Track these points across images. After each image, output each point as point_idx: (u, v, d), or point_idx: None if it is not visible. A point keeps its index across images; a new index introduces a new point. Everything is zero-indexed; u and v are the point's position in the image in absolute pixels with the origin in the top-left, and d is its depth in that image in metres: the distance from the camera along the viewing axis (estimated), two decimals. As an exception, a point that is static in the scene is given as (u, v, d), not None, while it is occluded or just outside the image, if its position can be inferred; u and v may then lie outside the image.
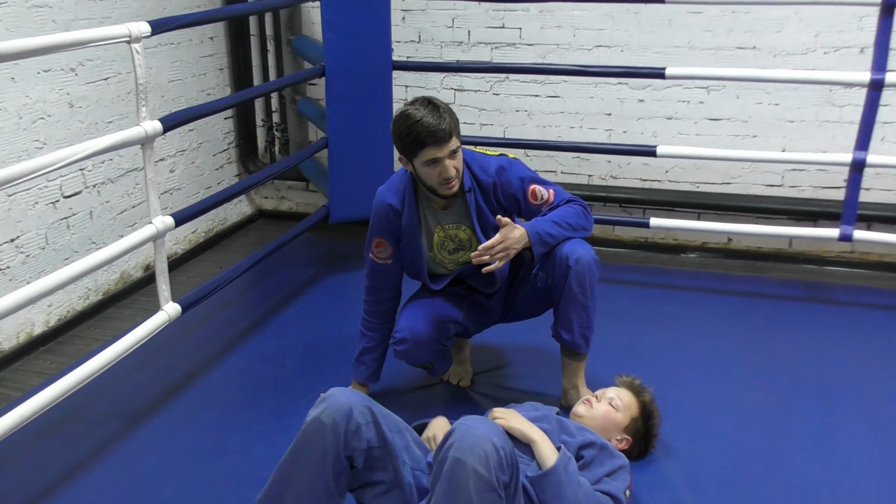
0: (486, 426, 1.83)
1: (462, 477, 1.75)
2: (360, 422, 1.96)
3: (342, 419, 1.94)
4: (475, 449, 1.76)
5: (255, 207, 5.14)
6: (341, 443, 1.94)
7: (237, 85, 4.71)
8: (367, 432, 1.98)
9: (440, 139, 2.46)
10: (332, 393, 2.00)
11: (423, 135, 2.45)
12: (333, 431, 1.93)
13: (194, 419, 2.88)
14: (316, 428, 1.94)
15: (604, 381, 2.71)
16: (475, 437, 1.78)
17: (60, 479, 2.54)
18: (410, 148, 2.51)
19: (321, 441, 1.93)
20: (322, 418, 1.94)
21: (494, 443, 1.78)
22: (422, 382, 3.07)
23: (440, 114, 2.47)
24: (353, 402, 1.98)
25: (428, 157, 2.50)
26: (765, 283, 4.02)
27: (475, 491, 1.74)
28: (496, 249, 2.51)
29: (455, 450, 1.77)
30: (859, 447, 2.66)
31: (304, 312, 3.73)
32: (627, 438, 2.45)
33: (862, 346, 3.34)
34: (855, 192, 3.62)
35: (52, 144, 3.43)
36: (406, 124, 2.48)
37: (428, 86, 4.57)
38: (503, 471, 1.79)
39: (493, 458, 1.76)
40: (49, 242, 3.49)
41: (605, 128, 4.39)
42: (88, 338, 3.58)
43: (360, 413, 1.97)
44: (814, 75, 3.73)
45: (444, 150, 2.48)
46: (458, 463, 1.76)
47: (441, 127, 2.45)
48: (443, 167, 2.51)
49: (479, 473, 1.74)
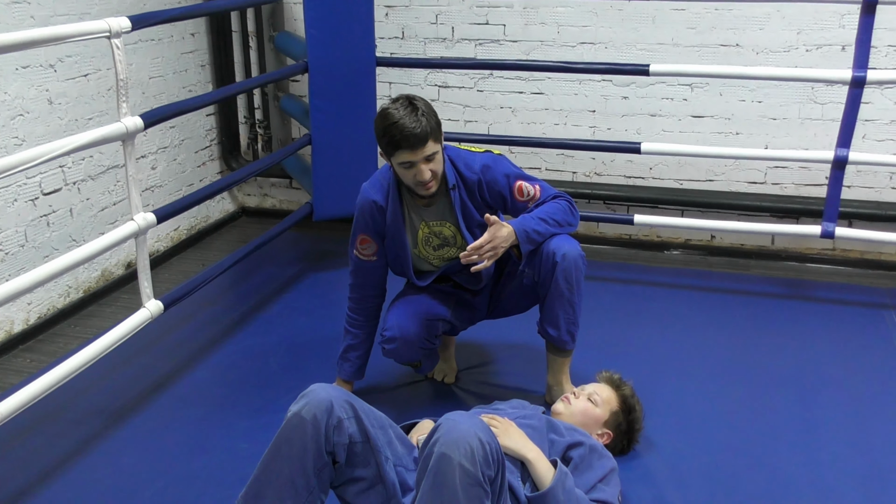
0: (471, 422, 1.82)
1: (448, 471, 1.75)
2: (342, 416, 1.95)
3: (323, 414, 1.93)
4: (461, 444, 1.75)
5: (238, 205, 5.11)
6: (322, 438, 1.93)
7: (219, 81, 4.68)
8: (349, 427, 1.96)
9: (414, 143, 2.43)
10: (312, 389, 1.99)
11: (398, 138, 2.43)
12: (314, 427, 1.92)
13: (177, 417, 2.86)
14: (296, 423, 1.93)
15: (588, 377, 2.71)
16: (461, 433, 1.77)
17: (42, 476, 2.52)
18: (386, 148, 2.50)
19: (301, 436, 1.92)
20: (302, 413, 1.93)
21: (480, 438, 1.78)
22: (407, 379, 3.06)
23: (418, 116, 2.43)
24: (333, 397, 1.97)
25: (402, 160, 2.48)
26: (747, 280, 4.04)
27: (461, 485, 1.74)
28: (484, 249, 2.51)
29: (441, 444, 1.77)
30: (840, 442, 2.68)
31: (288, 310, 3.71)
32: (609, 433, 2.45)
33: (843, 343, 3.37)
34: (837, 190, 3.65)
35: (32, 141, 3.39)
36: (383, 125, 2.46)
37: (412, 82, 4.56)
38: (489, 466, 1.79)
39: (478, 453, 1.76)
40: (28, 240, 3.46)
41: (589, 125, 4.40)
42: (69, 336, 3.55)
43: (341, 408, 1.96)
44: (796, 73, 3.75)
45: (419, 154, 2.46)
46: (444, 458, 1.75)
47: (416, 132, 2.42)
48: (417, 170, 2.49)
49: (464, 468, 1.74)
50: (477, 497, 1.77)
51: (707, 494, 2.42)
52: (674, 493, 2.42)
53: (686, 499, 2.40)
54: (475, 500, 1.77)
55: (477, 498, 1.77)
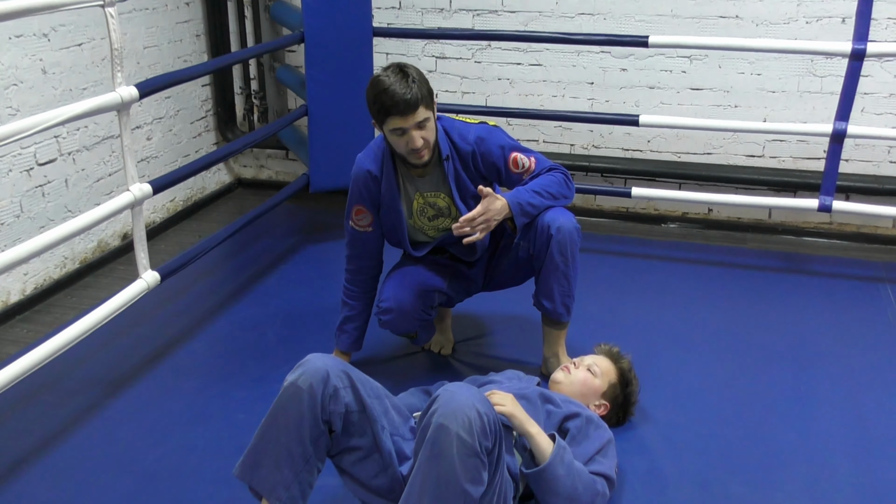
0: (469, 392, 1.83)
1: (445, 442, 1.76)
2: (338, 385, 1.96)
3: (319, 384, 1.94)
4: (458, 415, 1.76)
5: (234, 176, 5.09)
6: (318, 407, 1.94)
7: (214, 51, 4.64)
8: (345, 396, 1.97)
9: (404, 110, 2.42)
10: (308, 359, 2.00)
11: (388, 104, 2.42)
12: (310, 396, 1.93)
13: (174, 387, 2.87)
14: (292, 393, 1.94)
15: (584, 349, 2.72)
16: (459, 404, 1.78)
17: (40, 445, 2.53)
18: (377, 116, 2.49)
19: (297, 406, 1.93)
20: (299, 383, 1.94)
21: (478, 409, 1.79)
22: (403, 351, 3.07)
23: (408, 83, 2.41)
24: (329, 366, 1.98)
25: (393, 126, 2.47)
26: (744, 254, 4.05)
27: (458, 456, 1.75)
28: (477, 221, 2.50)
29: (439, 415, 1.78)
30: (833, 414, 2.70)
31: (285, 281, 3.71)
32: (605, 404, 2.47)
33: (838, 316, 3.38)
34: (835, 163, 3.64)
35: (26, 111, 3.37)
36: (374, 92, 2.45)
37: (409, 53, 4.52)
38: (486, 437, 1.80)
39: (476, 424, 1.77)
40: (24, 210, 3.44)
41: (587, 97, 4.38)
42: (65, 306, 3.55)
43: (337, 377, 1.97)
44: (796, 45, 3.72)
45: (410, 120, 2.44)
46: (442, 428, 1.76)
47: (406, 97, 2.40)
48: (409, 137, 2.48)
49: (462, 439, 1.75)
50: (474, 467, 1.78)
51: (701, 465, 2.44)
52: (668, 463, 2.44)
53: (680, 469, 2.42)
54: (472, 470, 1.78)
55: (474, 468, 1.78)
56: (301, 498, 1.97)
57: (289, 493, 1.95)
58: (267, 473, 1.95)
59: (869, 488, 2.34)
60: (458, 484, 1.76)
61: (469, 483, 1.78)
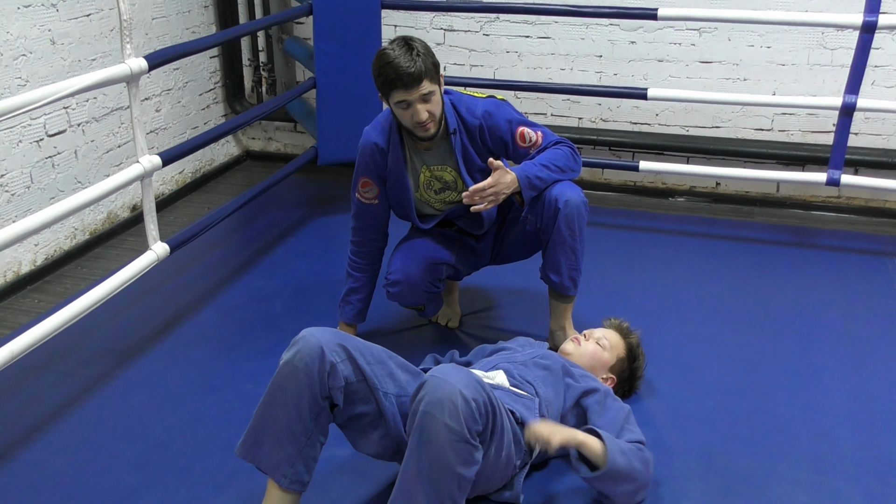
0: (457, 378, 1.80)
1: (433, 430, 1.75)
2: (334, 360, 1.95)
3: (314, 362, 1.92)
4: (444, 403, 1.75)
5: (243, 148, 5.10)
6: (317, 385, 1.93)
7: (222, 23, 4.62)
8: (344, 370, 1.96)
9: (408, 82, 2.42)
10: (302, 335, 1.98)
11: (392, 77, 2.42)
12: (307, 375, 1.92)
13: (184, 358, 2.90)
14: (289, 372, 1.94)
15: (591, 322, 2.74)
16: (445, 392, 1.76)
17: (52, 414, 2.57)
18: (382, 88, 2.49)
19: (294, 385, 1.93)
20: (294, 362, 1.93)
21: (464, 395, 1.76)
22: (411, 323, 3.09)
23: (413, 56, 2.42)
24: (324, 342, 1.95)
25: (398, 99, 2.48)
26: (751, 228, 4.05)
27: (447, 443, 1.75)
28: (486, 192, 2.51)
29: (425, 403, 1.77)
30: (839, 388, 2.71)
31: (293, 253, 3.73)
32: (612, 378, 2.50)
33: (845, 290, 3.38)
34: (844, 137, 3.62)
35: (35, 82, 3.38)
36: (379, 65, 2.46)
37: (417, 25, 4.50)
38: (475, 421, 1.79)
39: (463, 411, 1.75)
40: (34, 181, 3.46)
41: (595, 70, 4.36)
42: (76, 277, 3.58)
43: (332, 352, 1.95)
44: (806, 17, 3.69)
45: (414, 93, 2.45)
46: (429, 416, 1.76)
47: (410, 70, 2.40)
48: (414, 110, 2.48)
49: (449, 426, 1.74)
50: (465, 452, 1.79)
51: (706, 437, 2.46)
52: (673, 436, 2.46)
53: (685, 442, 2.44)
54: (464, 454, 1.79)
55: (465, 452, 1.79)
56: (306, 472, 1.99)
57: (293, 469, 1.97)
58: (269, 451, 1.97)
59: (873, 461, 2.36)
60: (451, 469, 1.77)
61: (461, 466, 1.79)
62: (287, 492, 1.98)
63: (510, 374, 2.26)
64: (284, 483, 1.97)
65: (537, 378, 2.26)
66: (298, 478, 1.98)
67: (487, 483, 2.04)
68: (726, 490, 2.24)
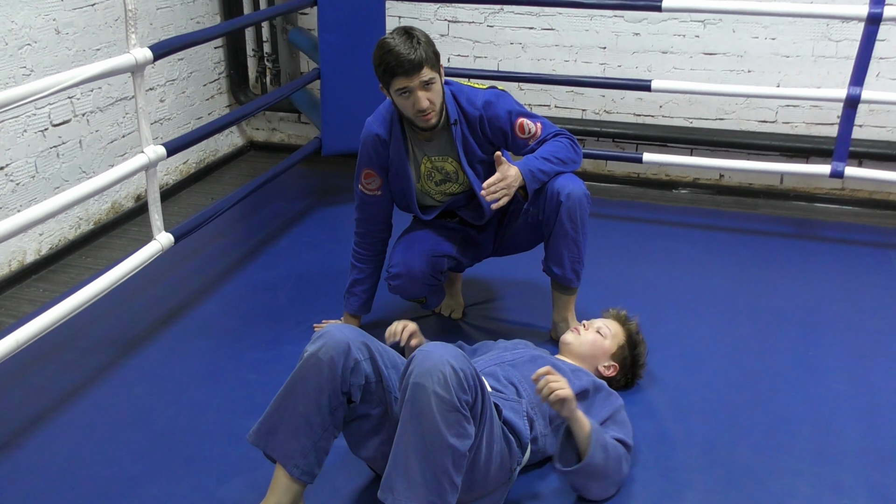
0: (444, 350, 1.84)
1: (424, 400, 1.78)
2: (359, 358, 1.97)
3: (340, 356, 1.95)
4: (433, 372, 1.78)
5: (247, 139, 5.10)
6: (339, 379, 1.95)
7: (227, 13, 4.62)
8: (366, 368, 1.99)
9: (409, 69, 2.43)
10: (328, 329, 2.00)
11: (393, 64, 2.43)
12: (331, 368, 1.94)
13: (188, 347, 2.91)
14: (313, 364, 1.95)
15: (594, 314, 2.74)
16: (433, 361, 1.80)
17: (56, 403, 2.58)
18: (383, 77, 2.50)
19: (317, 377, 1.95)
20: (320, 355, 1.95)
21: (453, 365, 1.80)
22: (414, 315, 3.09)
23: (413, 44, 2.43)
24: (350, 339, 1.98)
25: (399, 87, 2.48)
26: (755, 220, 4.05)
27: (438, 412, 1.77)
28: (499, 186, 2.51)
29: (415, 375, 1.80)
30: (841, 379, 2.72)
31: (297, 244, 3.74)
32: (615, 365, 2.50)
33: (848, 283, 3.38)
34: (848, 129, 3.62)
35: (39, 72, 3.38)
36: (379, 53, 2.47)
37: (421, 16, 4.50)
38: (464, 391, 1.81)
39: (452, 380, 1.78)
40: (39, 171, 3.47)
41: (599, 62, 4.35)
42: (81, 266, 3.59)
43: (357, 350, 1.98)
44: (811, 8, 3.68)
45: (415, 80, 2.45)
46: (418, 387, 1.79)
47: (411, 57, 2.41)
48: (415, 98, 2.48)
49: (439, 395, 1.77)
50: (456, 422, 1.80)
51: (708, 429, 2.46)
52: (676, 426, 2.47)
53: (687, 433, 2.45)
54: (455, 425, 1.80)
55: (457, 423, 1.80)
56: (317, 464, 2.00)
57: (306, 460, 1.98)
58: (283, 440, 1.98)
59: (875, 452, 2.36)
60: (444, 439, 1.79)
61: (454, 437, 1.80)
62: (295, 482, 1.99)
63: (495, 377, 2.27)
64: (296, 473, 1.98)
65: (523, 379, 2.26)
66: (309, 469, 1.99)
67: (485, 484, 2.04)
68: (728, 481, 2.25)
